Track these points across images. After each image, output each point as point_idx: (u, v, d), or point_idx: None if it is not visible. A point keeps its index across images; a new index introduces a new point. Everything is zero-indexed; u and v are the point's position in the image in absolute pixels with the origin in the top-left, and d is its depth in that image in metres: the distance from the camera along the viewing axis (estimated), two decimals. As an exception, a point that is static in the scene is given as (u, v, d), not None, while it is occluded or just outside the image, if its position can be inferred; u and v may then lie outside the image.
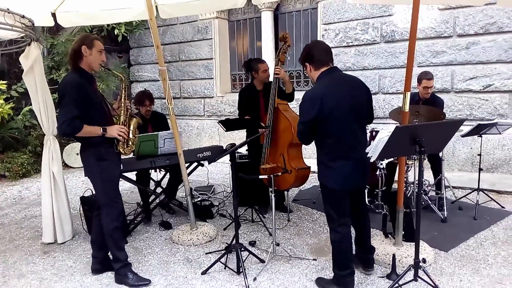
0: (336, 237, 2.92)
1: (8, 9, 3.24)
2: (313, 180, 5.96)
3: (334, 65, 2.94)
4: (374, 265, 3.26)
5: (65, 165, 7.73)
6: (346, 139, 2.78)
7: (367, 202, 4.45)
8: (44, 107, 4.05)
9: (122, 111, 3.28)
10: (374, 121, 3.23)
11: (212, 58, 8.88)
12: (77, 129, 2.97)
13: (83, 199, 4.31)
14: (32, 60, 3.93)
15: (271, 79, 4.41)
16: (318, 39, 7.41)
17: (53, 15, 4.46)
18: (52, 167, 4.11)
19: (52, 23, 4.54)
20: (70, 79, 3.05)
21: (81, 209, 4.36)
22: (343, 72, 3.01)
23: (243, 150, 4.81)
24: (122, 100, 3.30)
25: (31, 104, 4.51)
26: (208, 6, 4.83)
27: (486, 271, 3.26)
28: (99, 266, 3.42)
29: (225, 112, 8.80)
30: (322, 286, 3.06)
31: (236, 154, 4.42)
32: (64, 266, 3.64)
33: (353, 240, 3.15)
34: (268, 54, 8.08)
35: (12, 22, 3.35)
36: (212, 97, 9.03)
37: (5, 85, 7.16)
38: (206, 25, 8.82)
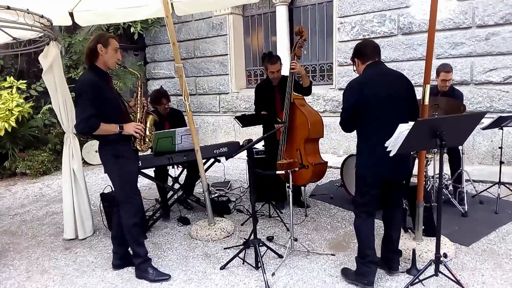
0: (357, 222, 2.99)
1: (27, 9, 3.28)
2: (329, 175, 5.95)
3: (380, 60, 3.01)
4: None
5: (85, 162, 7.85)
6: (380, 129, 2.78)
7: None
8: (63, 105, 4.11)
9: (138, 109, 3.30)
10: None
11: (227, 54, 8.89)
12: (94, 128, 3.01)
13: (103, 196, 4.37)
14: (51, 59, 3.99)
15: (287, 73, 4.38)
16: (334, 32, 7.37)
17: (71, 14, 4.52)
18: (72, 165, 4.18)
19: (69, 22, 4.59)
20: (86, 78, 3.08)
21: (101, 205, 4.43)
22: (386, 65, 3.06)
23: (260, 145, 4.80)
24: (139, 97, 3.33)
25: (50, 103, 4.59)
26: (223, 2, 4.83)
27: (508, 266, 3.20)
28: (120, 261, 3.47)
29: (241, 108, 8.80)
30: (345, 275, 3.12)
31: (253, 150, 4.42)
32: (85, 261, 3.70)
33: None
34: (283, 49, 8.04)
35: (32, 22, 3.39)
36: (228, 93, 9.05)
37: (25, 84, 7.32)
38: (221, 21, 8.82)
